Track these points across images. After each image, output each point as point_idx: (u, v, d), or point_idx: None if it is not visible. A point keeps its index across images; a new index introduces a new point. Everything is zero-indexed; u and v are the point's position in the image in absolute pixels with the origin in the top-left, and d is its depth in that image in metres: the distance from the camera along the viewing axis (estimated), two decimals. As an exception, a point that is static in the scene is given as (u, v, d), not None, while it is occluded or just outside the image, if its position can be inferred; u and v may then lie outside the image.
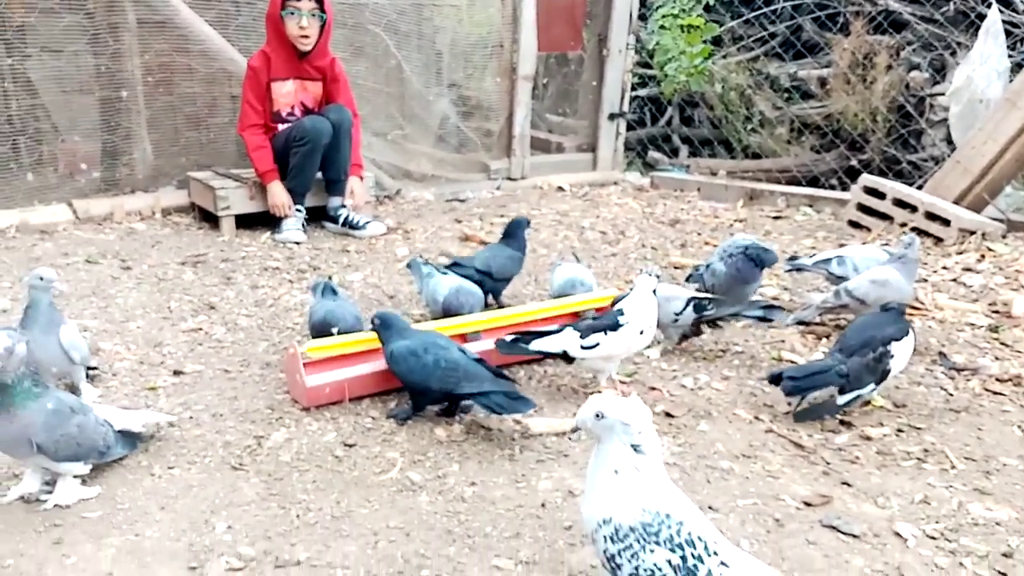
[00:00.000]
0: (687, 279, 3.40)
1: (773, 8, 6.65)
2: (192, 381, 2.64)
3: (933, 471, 2.23)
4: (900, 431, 2.44)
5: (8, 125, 4.30)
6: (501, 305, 3.27)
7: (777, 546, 1.88)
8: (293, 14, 4.10)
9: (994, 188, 4.53)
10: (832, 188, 5.75)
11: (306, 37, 4.18)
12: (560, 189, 5.67)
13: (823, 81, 6.43)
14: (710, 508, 2.01)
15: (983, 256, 4.04)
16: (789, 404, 2.54)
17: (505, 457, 2.23)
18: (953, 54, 5.83)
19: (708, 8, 6.78)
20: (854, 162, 5.91)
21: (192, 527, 1.89)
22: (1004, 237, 4.27)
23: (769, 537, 1.91)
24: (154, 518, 1.92)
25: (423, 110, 5.50)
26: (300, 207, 4.32)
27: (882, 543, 1.91)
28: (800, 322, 3.18)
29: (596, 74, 6.07)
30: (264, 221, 4.34)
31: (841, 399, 2.44)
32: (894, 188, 4.54)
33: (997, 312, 3.40)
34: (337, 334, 2.56)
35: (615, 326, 2.52)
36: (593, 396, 1.55)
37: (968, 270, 3.88)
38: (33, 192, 4.39)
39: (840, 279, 3.21)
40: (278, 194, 4.26)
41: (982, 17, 5.24)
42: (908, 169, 5.79)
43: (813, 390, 2.45)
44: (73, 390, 2.43)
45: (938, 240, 4.26)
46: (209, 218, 4.42)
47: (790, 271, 3.63)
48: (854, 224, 4.63)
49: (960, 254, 4.08)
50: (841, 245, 4.22)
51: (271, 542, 1.84)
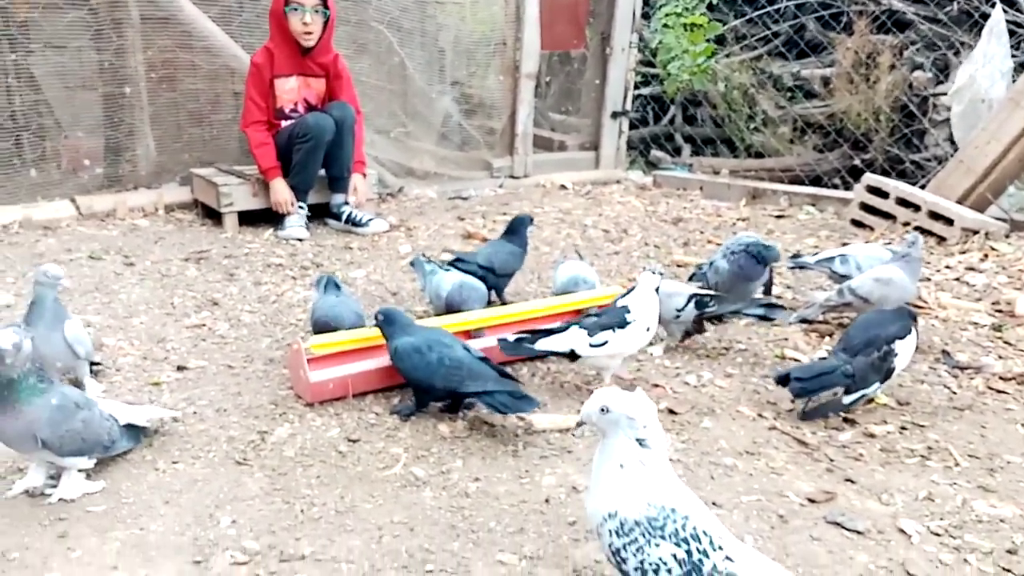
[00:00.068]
0: (690, 277, 3.40)
1: (776, 7, 6.65)
2: (196, 376, 2.65)
3: (937, 468, 2.23)
4: (904, 428, 2.44)
5: (11, 121, 4.31)
6: (504, 302, 3.27)
7: (781, 542, 1.88)
8: (296, 10, 4.10)
9: (997, 188, 4.53)
10: (835, 187, 5.76)
11: (309, 33, 4.18)
12: (563, 187, 5.67)
13: (826, 80, 6.43)
14: (714, 504, 2.01)
15: (986, 255, 4.03)
16: (792, 402, 2.54)
17: (509, 453, 2.24)
18: (956, 54, 5.83)
19: (711, 7, 6.79)
20: (857, 161, 5.92)
21: (196, 521, 1.89)
22: (1007, 237, 4.26)
23: (773, 533, 1.91)
24: (158, 512, 1.92)
25: (426, 108, 5.50)
26: (303, 204, 4.32)
27: (886, 540, 1.91)
28: (803, 320, 3.17)
29: (599, 72, 6.07)
30: (267, 218, 4.34)
31: (846, 399, 2.44)
32: (897, 187, 4.54)
33: (1000, 311, 3.40)
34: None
35: (623, 324, 2.51)
36: (598, 390, 1.55)
37: (971, 269, 3.88)
38: (36, 188, 4.40)
39: (843, 277, 3.21)
40: (281, 191, 4.26)
41: (986, 17, 5.24)
42: (911, 169, 5.78)
43: (820, 391, 2.45)
44: (77, 385, 2.43)
45: (941, 239, 4.25)
46: (212, 214, 4.42)
47: (793, 269, 3.64)
48: (857, 223, 4.62)
49: (963, 253, 4.08)
50: (844, 244, 4.21)
51: (275, 536, 1.85)
